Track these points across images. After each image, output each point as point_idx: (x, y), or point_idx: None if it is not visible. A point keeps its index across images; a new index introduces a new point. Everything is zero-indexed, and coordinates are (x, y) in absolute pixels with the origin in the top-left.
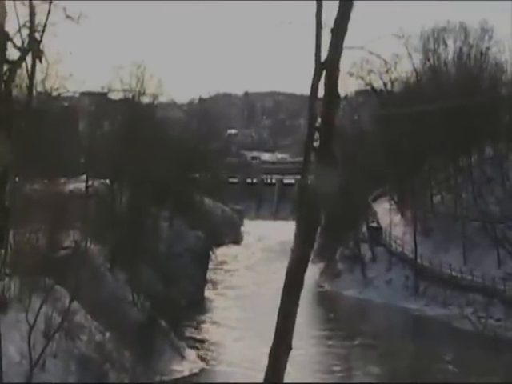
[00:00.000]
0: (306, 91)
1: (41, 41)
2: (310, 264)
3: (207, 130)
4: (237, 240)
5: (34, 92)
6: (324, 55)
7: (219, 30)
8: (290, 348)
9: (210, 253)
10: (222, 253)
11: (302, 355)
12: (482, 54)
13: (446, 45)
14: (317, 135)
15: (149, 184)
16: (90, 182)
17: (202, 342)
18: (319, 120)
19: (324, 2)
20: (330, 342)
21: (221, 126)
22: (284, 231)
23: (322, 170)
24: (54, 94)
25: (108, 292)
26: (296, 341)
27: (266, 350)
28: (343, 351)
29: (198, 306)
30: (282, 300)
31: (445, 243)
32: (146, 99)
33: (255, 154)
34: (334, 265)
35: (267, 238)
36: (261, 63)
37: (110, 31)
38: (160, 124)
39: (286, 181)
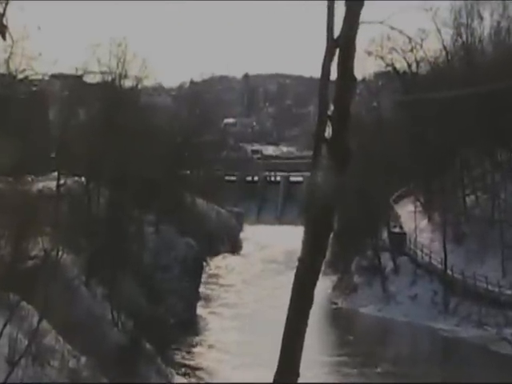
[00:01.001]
0: (316, 73)
1: (4, 14)
2: (320, 277)
3: (200, 118)
4: (235, 248)
5: None
6: (337, 31)
7: (213, 2)
8: (297, 376)
9: (204, 264)
10: (217, 264)
11: None
12: None
13: (481, 18)
14: (329, 125)
15: (131, 183)
16: (62, 181)
17: (194, 368)
18: (331, 107)
19: None
20: (345, 370)
21: (216, 115)
22: (290, 238)
23: (334, 165)
24: (20, 76)
25: (83, 309)
26: (304, 368)
27: (270, 378)
28: (362, 381)
29: (189, 326)
30: (287, 320)
31: (480, 252)
32: (128, 83)
33: (256, 147)
34: (350, 277)
35: (270, 246)
36: (263, 40)
37: (85, 3)
38: (145, 112)
39: (292, 178)
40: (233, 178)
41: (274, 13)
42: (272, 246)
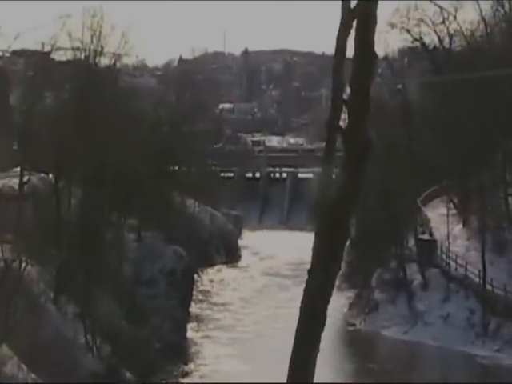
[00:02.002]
0: (330, 49)
1: None
2: (334, 292)
3: (191, 103)
4: (232, 259)
5: None
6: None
7: None
8: None
9: (195, 277)
10: (211, 277)
11: None
12: None
13: None
14: (344, 111)
15: (109, 181)
16: (25, 178)
17: None
18: (348, 90)
19: None
20: None
21: (210, 99)
22: (298, 246)
23: (351, 159)
24: None
25: (51, 331)
26: None
27: None
28: None
29: (177, 352)
30: (295, 345)
31: None
32: (104, 61)
33: (258, 137)
34: (369, 293)
35: (274, 257)
36: (266, 10)
37: None
38: (125, 96)
39: (301, 175)
40: (230, 175)
41: None
42: (276, 255)
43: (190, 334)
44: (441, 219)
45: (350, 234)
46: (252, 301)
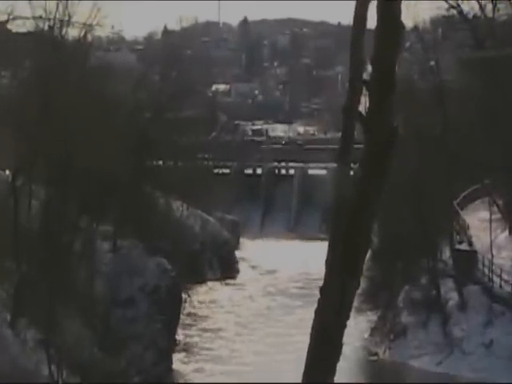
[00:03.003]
0: (347, 19)
1: None
2: (353, 314)
3: (177, 84)
4: (228, 274)
5: None
6: None
7: None
8: None
9: (183, 296)
10: (202, 297)
11: None
12: None
13: None
14: (365, 93)
15: (78, 179)
16: None
17: None
18: (368, 68)
19: None
20: None
21: (201, 79)
22: (308, 259)
23: (373, 152)
24: None
25: (7, 361)
26: None
27: None
28: None
29: None
30: (305, 378)
31: None
32: (72, 33)
33: (260, 126)
34: (395, 316)
35: (279, 271)
36: None
37: None
38: (97, 75)
39: (311, 172)
40: (225, 171)
41: None
42: (281, 270)
43: (176, 365)
44: (482, 225)
45: (372, 242)
46: (251, 326)
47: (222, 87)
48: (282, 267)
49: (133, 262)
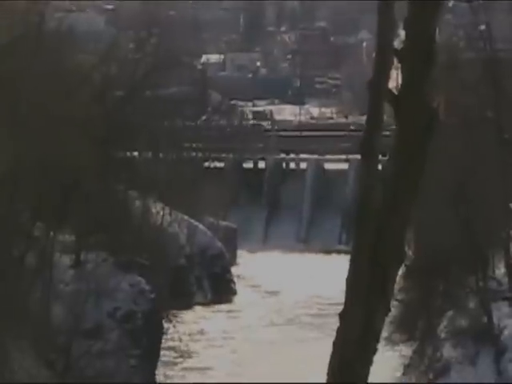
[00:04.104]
0: None
1: None
2: (381, 346)
3: (157, 55)
4: (221, 296)
5: None
6: None
7: None
8: None
9: (165, 325)
10: (188, 327)
11: None
12: None
13: None
14: (397, 67)
15: (29, 176)
16: None
17: None
18: (401, 34)
19: None
20: None
21: (188, 48)
22: (323, 277)
23: (407, 139)
24: None
25: None
26: None
27: None
28: None
29: None
30: None
31: None
32: None
33: (263, 107)
34: (436, 349)
35: (285, 293)
36: None
37: None
38: (55, 43)
39: (328, 166)
40: (219, 165)
41: None
42: (289, 291)
43: None
44: None
45: (405, 256)
46: (249, 365)
47: (214, 58)
48: (291, 288)
49: (100, 280)
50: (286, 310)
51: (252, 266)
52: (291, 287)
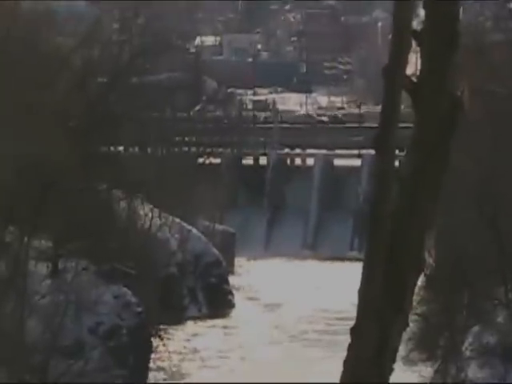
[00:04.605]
0: None
1: None
2: (398, 366)
3: (145, 37)
4: (217, 309)
5: None
6: None
7: None
8: None
9: (153, 343)
10: (179, 344)
11: None
12: None
13: None
14: (415, 50)
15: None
16: None
17: None
18: (420, 13)
19: None
20: None
21: (180, 29)
22: (331, 287)
23: (427, 132)
24: None
25: None
26: None
27: None
28: None
29: None
30: None
31: None
32: None
33: (264, 95)
34: (459, 368)
35: (289, 306)
36: None
37: None
38: (30, 24)
39: (338, 162)
40: (215, 161)
41: None
42: (293, 304)
43: None
44: None
45: (425, 264)
46: None
47: (209, 40)
48: (295, 301)
49: (81, 291)
50: (289, 325)
51: (252, 276)
52: (296, 300)
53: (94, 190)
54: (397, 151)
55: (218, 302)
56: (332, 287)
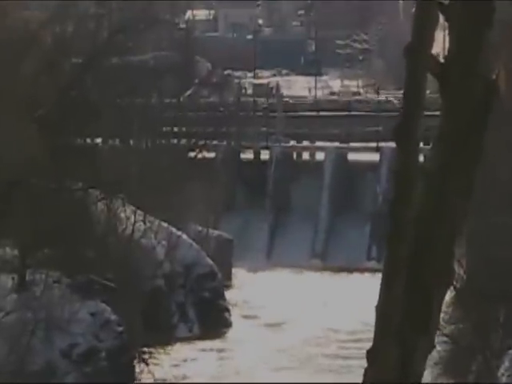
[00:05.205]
0: None
1: None
2: None
3: (127, 10)
4: (211, 329)
5: None
6: None
7: None
8: None
9: (136, 367)
10: (167, 370)
11: None
12: None
13: None
14: (443, 25)
15: None
16: None
17: None
18: None
19: None
20: None
21: (168, 1)
22: (343, 303)
23: (457, 121)
24: None
25: None
26: None
27: None
28: None
29: None
30: None
31: None
32: None
33: (266, 78)
34: None
35: (295, 325)
36: None
37: None
38: None
39: (353, 157)
40: (209, 156)
41: None
42: (299, 323)
43: None
44: None
45: (454, 276)
46: None
47: (202, 14)
48: (302, 319)
49: (52, 308)
50: (294, 348)
51: (252, 290)
52: (302, 318)
53: (68, 189)
54: (421, 144)
55: (212, 321)
56: (345, 303)
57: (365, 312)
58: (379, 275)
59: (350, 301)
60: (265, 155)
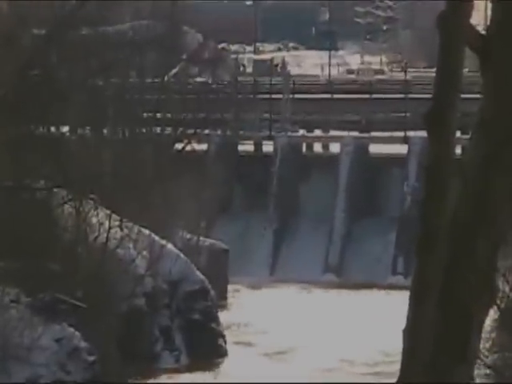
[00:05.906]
0: None
1: None
2: None
3: None
4: (203, 359)
5: None
6: None
7: None
8: None
9: None
10: None
11: None
12: None
13: None
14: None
15: None
16: None
17: None
18: None
19: None
20: None
21: None
22: (363, 326)
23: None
24: None
25: None
26: None
27: None
28: None
29: None
30: None
31: None
32: None
33: (269, 53)
34: None
35: (303, 354)
36: None
37: None
38: None
39: (375, 149)
40: (200, 148)
41: None
42: (309, 351)
43: None
44: None
45: (498, 291)
46: None
47: None
48: (311, 347)
49: (9, 332)
50: (299, 380)
51: (252, 311)
52: (312, 345)
53: (28, 188)
54: (458, 133)
55: (204, 349)
56: (364, 328)
57: (389, 338)
58: (407, 293)
59: (371, 324)
60: (268, 147)
